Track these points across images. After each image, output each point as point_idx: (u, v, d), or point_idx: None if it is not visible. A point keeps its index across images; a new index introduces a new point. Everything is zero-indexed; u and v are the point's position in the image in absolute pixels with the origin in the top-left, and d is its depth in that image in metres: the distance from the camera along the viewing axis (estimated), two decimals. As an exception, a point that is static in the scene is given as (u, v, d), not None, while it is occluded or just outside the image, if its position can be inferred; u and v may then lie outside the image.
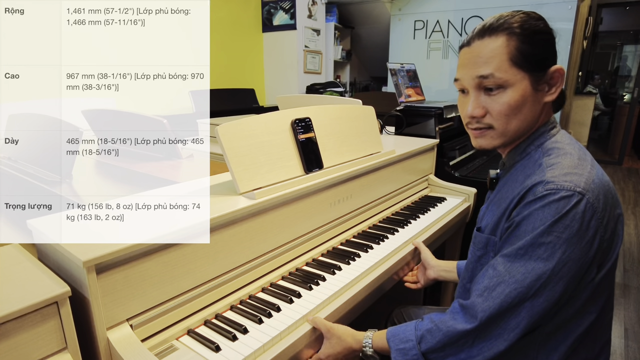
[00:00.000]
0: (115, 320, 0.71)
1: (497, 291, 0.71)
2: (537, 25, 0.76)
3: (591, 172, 0.72)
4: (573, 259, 0.68)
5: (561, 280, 0.68)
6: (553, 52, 0.77)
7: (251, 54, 3.68)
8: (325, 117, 1.20)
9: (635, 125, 5.66)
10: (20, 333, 0.59)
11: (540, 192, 0.70)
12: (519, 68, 0.75)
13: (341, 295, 0.98)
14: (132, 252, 0.71)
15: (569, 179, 0.69)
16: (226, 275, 0.90)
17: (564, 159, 0.74)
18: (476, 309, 0.73)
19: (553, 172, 0.71)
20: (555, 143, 0.79)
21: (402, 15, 4.06)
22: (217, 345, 0.76)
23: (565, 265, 0.68)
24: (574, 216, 0.67)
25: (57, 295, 0.62)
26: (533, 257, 0.69)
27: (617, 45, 7.43)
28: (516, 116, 0.77)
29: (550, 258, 0.68)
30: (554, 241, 0.68)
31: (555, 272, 0.68)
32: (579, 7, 3.28)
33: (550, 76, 0.77)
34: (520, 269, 0.70)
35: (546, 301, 0.69)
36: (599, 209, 0.69)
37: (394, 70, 2.14)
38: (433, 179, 1.77)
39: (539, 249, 0.69)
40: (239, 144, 0.95)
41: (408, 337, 0.80)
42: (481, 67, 0.76)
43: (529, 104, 0.77)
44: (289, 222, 1.05)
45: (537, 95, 0.77)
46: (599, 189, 0.70)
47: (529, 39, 0.74)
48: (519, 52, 0.74)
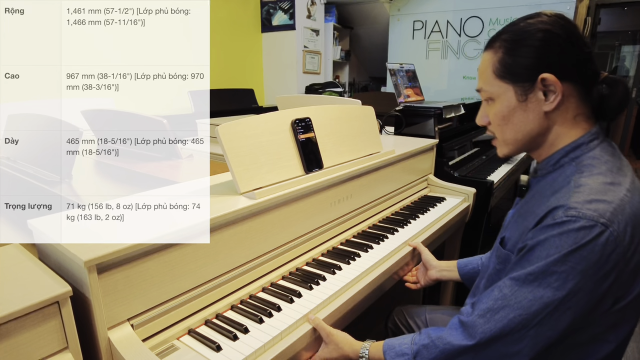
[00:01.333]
0: (116, 320, 0.71)
1: (501, 314, 0.69)
2: (525, 34, 0.73)
3: (624, 198, 0.66)
4: (585, 290, 0.64)
5: (569, 310, 0.65)
6: (545, 59, 0.72)
7: (250, 54, 3.68)
8: (325, 117, 1.20)
9: (633, 125, 5.68)
10: (21, 333, 0.59)
11: (559, 217, 0.66)
12: (502, 80, 0.76)
13: (341, 294, 0.98)
14: (132, 252, 0.71)
15: (593, 207, 0.64)
16: (227, 275, 0.90)
17: (594, 180, 0.68)
18: (476, 329, 0.71)
19: (578, 196, 0.66)
20: (591, 159, 0.72)
21: (401, 16, 4.07)
22: (218, 344, 0.76)
23: (575, 296, 0.65)
24: (592, 248, 0.62)
25: (58, 295, 0.62)
26: (543, 284, 0.66)
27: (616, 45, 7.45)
28: (507, 126, 0.78)
29: (561, 288, 0.64)
30: (567, 271, 0.64)
31: (565, 302, 0.65)
32: (577, 8, 3.29)
33: (541, 84, 0.72)
34: (528, 295, 0.67)
35: (551, 330, 0.67)
36: (623, 242, 0.63)
37: (393, 71, 2.14)
38: (432, 179, 1.78)
39: (551, 277, 0.65)
40: (240, 144, 0.96)
41: (404, 350, 0.79)
42: (478, 81, 0.82)
43: (518, 114, 0.76)
44: (289, 222, 1.05)
45: (528, 105, 0.74)
46: (629, 219, 0.64)
47: (512, 50, 0.74)
48: (501, 65, 0.76)
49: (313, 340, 0.88)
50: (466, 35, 3.78)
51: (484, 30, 3.66)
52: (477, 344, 0.70)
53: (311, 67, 3.82)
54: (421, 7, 3.95)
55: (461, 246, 1.79)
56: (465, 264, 1.15)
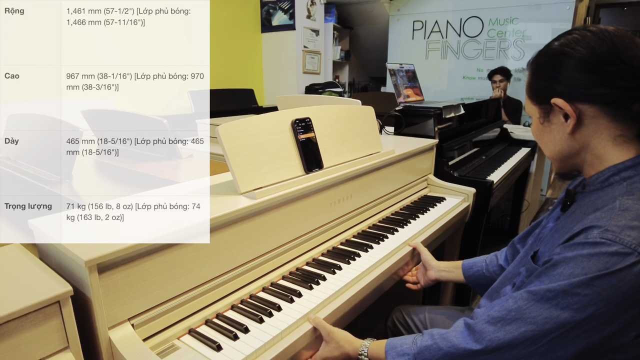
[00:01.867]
0: (116, 320, 0.71)
1: (513, 326, 0.67)
2: (545, 57, 0.74)
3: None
4: (605, 317, 0.61)
5: (585, 334, 0.63)
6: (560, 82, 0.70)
7: (250, 54, 3.68)
8: (325, 117, 1.20)
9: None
10: (22, 332, 0.60)
11: (593, 237, 0.62)
12: (531, 100, 0.79)
13: (342, 294, 0.98)
14: (133, 252, 0.71)
15: (633, 235, 0.60)
16: (227, 275, 0.90)
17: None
18: (484, 335, 0.69)
19: (620, 219, 0.63)
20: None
21: (401, 16, 4.07)
22: (218, 344, 0.76)
23: (593, 321, 0.62)
24: (624, 277, 0.59)
25: (59, 295, 0.62)
26: (561, 304, 0.63)
27: (615, 45, 7.44)
28: (541, 143, 0.81)
29: (580, 311, 0.61)
30: (590, 295, 0.61)
31: (581, 325, 0.62)
32: (577, 8, 3.30)
33: (559, 108, 0.72)
34: (544, 312, 0.64)
35: (562, 350, 0.65)
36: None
37: (393, 71, 2.15)
38: (432, 178, 1.78)
39: (572, 299, 0.62)
40: (240, 144, 0.96)
41: (405, 350, 0.78)
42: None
43: (545, 134, 0.78)
44: (290, 222, 1.05)
45: (552, 126, 0.75)
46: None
47: (536, 72, 0.77)
48: (529, 86, 0.79)
49: (313, 340, 0.88)
50: (466, 35, 3.78)
51: (483, 30, 3.67)
52: (483, 350, 0.69)
53: (311, 67, 3.82)
54: (421, 7, 3.95)
55: (461, 246, 1.79)
56: (470, 266, 1.14)
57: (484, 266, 1.12)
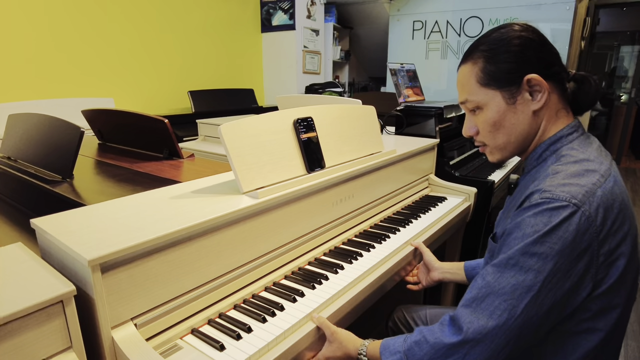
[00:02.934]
0: (119, 320, 0.71)
1: (486, 302, 0.69)
2: (502, 42, 0.78)
3: (596, 183, 0.69)
4: (562, 271, 0.66)
5: (550, 292, 0.67)
6: (525, 62, 0.76)
7: (250, 54, 3.67)
8: (327, 117, 1.20)
9: (632, 125, 5.69)
10: (25, 332, 0.59)
11: (535, 199, 0.69)
12: (487, 87, 0.79)
13: (344, 294, 0.98)
14: (136, 251, 0.71)
15: (566, 190, 0.68)
16: (230, 274, 0.90)
17: (570, 167, 0.72)
18: (461, 320, 0.71)
19: (553, 180, 0.71)
20: (569, 149, 0.77)
21: (401, 16, 4.07)
22: (221, 344, 0.76)
23: (554, 277, 0.66)
24: (567, 228, 0.65)
25: (62, 294, 0.61)
26: (524, 267, 0.67)
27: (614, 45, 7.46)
28: (499, 131, 0.81)
29: (541, 270, 0.66)
30: (546, 252, 0.66)
31: (545, 284, 0.66)
32: (576, 8, 3.30)
33: (527, 85, 0.77)
34: (511, 280, 0.68)
35: (536, 315, 0.68)
36: (595, 222, 0.66)
37: (394, 70, 2.14)
38: (433, 178, 1.78)
39: (531, 260, 0.67)
40: (242, 143, 0.95)
41: (397, 348, 0.79)
42: (460, 94, 0.85)
43: (509, 118, 0.79)
44: (292, 221, 1.05)
45: (517, 107, 0.78)
46: (601, 202, 0.67)
47: (493, 57, 0.78)
48: (484, 73, 0.79)
49: (316, 340, 0.88)
50: (466, 35, 3.78)
51: (483, 30, 3.67)
52: (464, 338, 0.69)
53: (311, 67, 3.82)
54: (421, 7, 3.95)
55: (462, 246, 1.79)
56: (473, 267, 1.15)
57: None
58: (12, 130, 1.44)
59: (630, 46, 7.33)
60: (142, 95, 2.78)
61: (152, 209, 0.86)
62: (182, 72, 3.05)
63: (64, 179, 1.14)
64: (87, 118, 1.75)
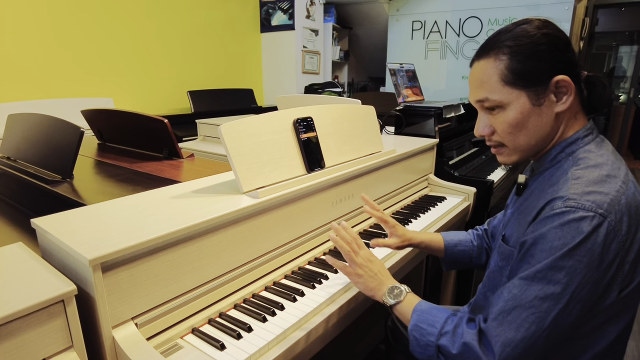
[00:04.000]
0: (120, 319, 0.71)
1: (513, 315, 0.68)
2: (528, 41, 0.73)
3: (620, 190, 0.68)
4: (591, 283, 0.65)
5: (579, 303, 0.66)
6: (554, 62, 0.73)
7: (249, 54, 3.68)
8: (326, 117, 1.20)
9: (631, 125, 5.70)
10: (26, 331, 0.59)
11: (558, 207, 0.67)
12: (512, 87, 0.74)
13: (344, 293, 0.98)
14: (137, 251, 0.71)
15: (591, 199, 0.65)
16: (230, 274, 0.90)
17: (591, 172, 0.70)
18: (490, 333, 0.70)
19: (576, 187, 0.68)
20: (587, 152, 0.75)
21: (400, 16, 4.07)
22: (222, 343, 0.76)
23: (583, 289, 0.65)
24: (595, 240, 0.64)
25: (63, 294, 0.61)
26: (552, 281, 0.66)
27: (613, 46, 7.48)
28: (521, 132, 0.77)
29: (570, 283, 0.65)
30: (574, 265, 0.64)
31: (574, 296, 0.65)
32: (575, 8, 3.31)
33: (554, 86, 0.73)
34: (539, 293, 0.67)
35: (564, 325, 0.67)
36: (621, 232, 0.65)
37: (394, 70, 2.15)
38: (433, 178, 1.78)
39: (559, 273, 0.65)
40: (242, 143, 0.96)
41: (434, 322, 0.76)
42: (477, 91, 0.79)
43: (533, 119, 0.75)
44: (292, 221, 1.05)
45: (542, 108, 0.75)
46: (625, 210, 0.66)
47: (519, 55, 0.73)
48: (509, 71, 0.74)
49: (317, 339, 0.88)
50: (465, 35, 3.79)
51: (482, 30, 3.67)
52: (498, 358, 0.68)
53: (310, 67, 3.82)
54: (420, 7, 3.95)
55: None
56: (455, 244, 1.09)
57: (471, 247, 1.09)
58: (11, 130, 1.44)
59: (629, 46, 7.34)
60: (141, 96, 2.79)
61: (152, 209, 0.86)
62: (181, 72, 3.06)
63: (63, 178, 1.14)
64: (87, 118, 1.75)
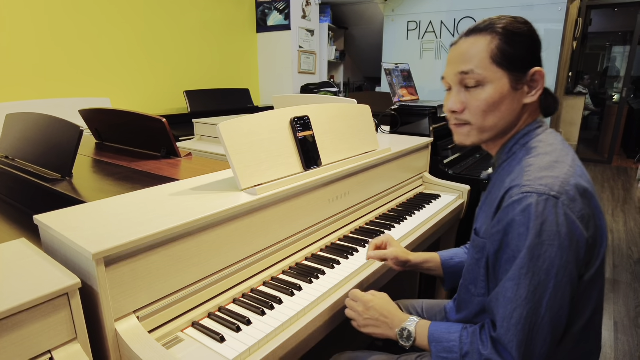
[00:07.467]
0: (122, 312, 0.73)
1: (515, 317, 0.71)
2: (520, 28, 0.79)
3: (568, 172, 0.72)
4: (570, 261, 0.69)
5: (567, 285, 0.69)
6: (534, 56, 0.80)
7: (246, 54, 3.69)
8: (323, 116, 1.22)
9: (624, 125, 5.76)
10: (32, 323, 0.61)
11: (516, 195, 0.71)
12: (499, 66, 0.79)
13: (341, 287, 1.00)
14: (138, 246, 0.73)
15: (544, 182, 0.70)
16: (229, 269, 0.92)
17: (542, 159, 0.75)
18: (502, 340, 0.72)
19: (529, 174, 0.73)
20: (537, 142, 0.80)
21: (396, 16, 4.10)
22: (222, 336, 0.78)
23: (567, 269, 0.69)
24: (555, 220, 0.68)
25: (67, 287, 0.63)
26: (536, 272, 0.69)
27: (606, 46, 7.55)
28: (493, 113, 0.80)
29: (551, 267, 0.68)
30: (548, 250, 0.68)
31: (559, 279, 0.69)
32: (568, 9, 3.35)
33: (530, 78, 0.79)
34: (529, 287, 0.70)
35: (562, 307, 0.70)
36: (576, 209, 0.69)
37: (389, 70, 2.17)
38: (427, 176, 1.81)
39: (539, 262, 0.69)
40: (240, 141, 0.98)
41: (452, 347, 0.79)
42: (464, 64, 0.81)
43: (507, 102, 0.80)
44: (289, 218, 1.07)
45: (516, 95, 0.79)
46: (576, 189, 0.71)
47: (510, 39, 0.78)
48: (500, 51, 0.78)
49: (315, 332, 0.90)
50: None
51: (477, 30, 3.71)
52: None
53: (306, 67, 3.84)
54: (415, 7, 3.98)
55: (456, 242, 1.82)
56: (451, 257, 1.13)
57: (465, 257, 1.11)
58: (9, 130, 1.45)
59: (622, 46, 7.42)
60: (138, 96, 2.80)
61: (152, 206, 0.87)
62: (178, 72, 3.07)
63: (63, 177, 1.16)
64: (85, 118, 1.76)
